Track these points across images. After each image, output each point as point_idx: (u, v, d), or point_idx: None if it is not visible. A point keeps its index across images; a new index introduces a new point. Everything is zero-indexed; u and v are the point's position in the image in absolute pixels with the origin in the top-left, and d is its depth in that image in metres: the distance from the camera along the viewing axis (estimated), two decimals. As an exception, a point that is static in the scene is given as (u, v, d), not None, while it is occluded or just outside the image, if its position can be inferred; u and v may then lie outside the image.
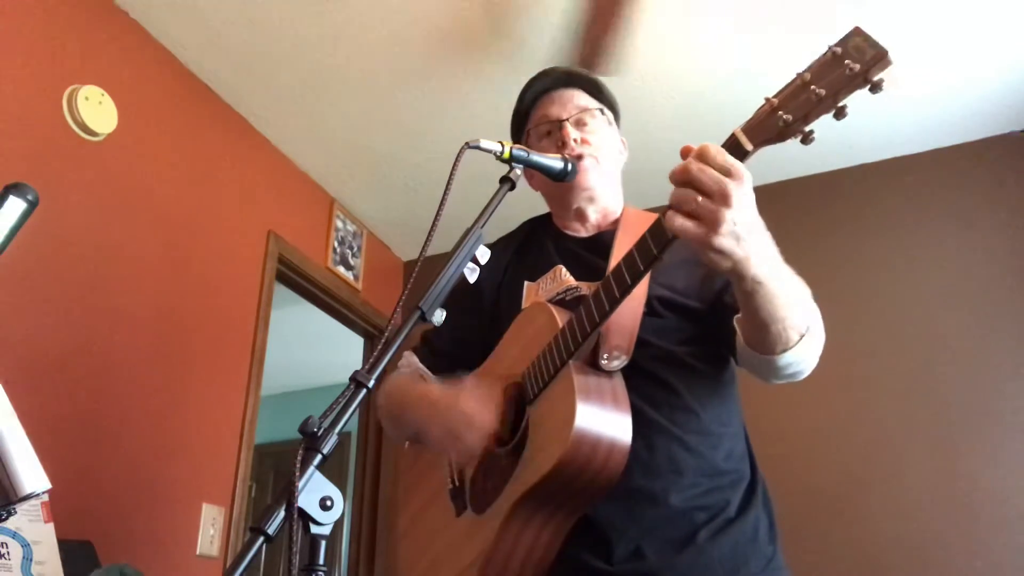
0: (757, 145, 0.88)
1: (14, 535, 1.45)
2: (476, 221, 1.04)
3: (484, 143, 1.07)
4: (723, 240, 0.86)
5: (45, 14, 2.13)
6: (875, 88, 0.81)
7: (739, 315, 1.06)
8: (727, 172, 0.85)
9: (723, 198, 0.85)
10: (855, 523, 2.59)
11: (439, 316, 0.96)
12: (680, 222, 0.87)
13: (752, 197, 0.88)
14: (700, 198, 0.85)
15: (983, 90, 2.69)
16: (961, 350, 2.68)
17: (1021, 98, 2.73)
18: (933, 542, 2.49)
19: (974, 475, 2.52)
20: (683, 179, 0.87)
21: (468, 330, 1.35)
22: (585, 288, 1.22)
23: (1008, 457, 2.51)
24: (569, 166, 1.23)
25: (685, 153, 0.89)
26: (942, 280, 2.80)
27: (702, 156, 0.87)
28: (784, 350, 1.02)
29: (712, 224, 0.85)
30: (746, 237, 0.88)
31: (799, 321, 1.01)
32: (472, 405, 1.15)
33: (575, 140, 1.31)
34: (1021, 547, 2.40)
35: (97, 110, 2.18)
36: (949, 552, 2.46)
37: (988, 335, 2.67)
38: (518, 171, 1.12)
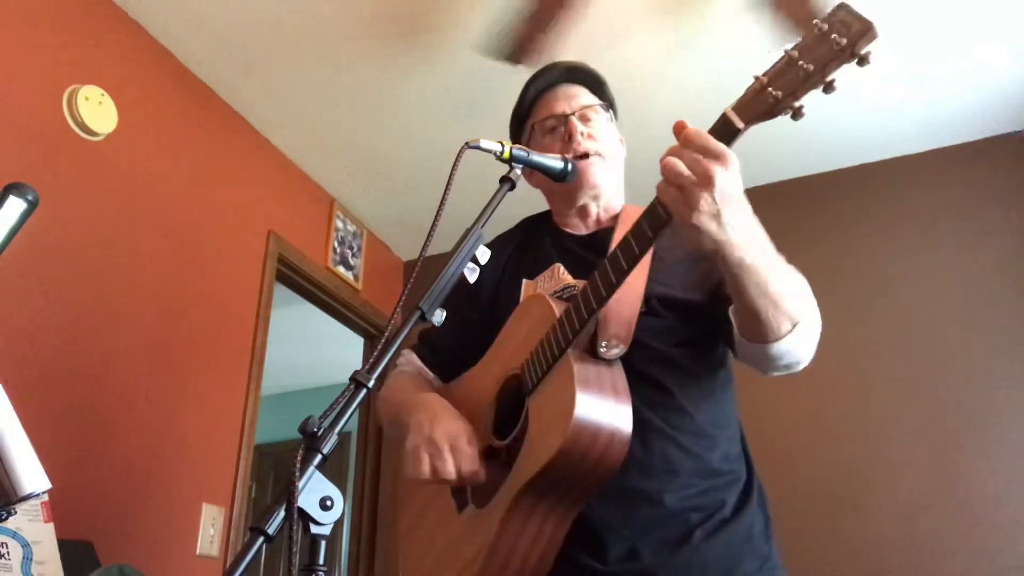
0: (748, 122, 0.88)
1: (14, 535, 1.45)
2: (476, 221, 1.04)
3: (484, 143, 1.07)
4: (703, 218, 0.88)
5: (45, 14, 2.13)
6: (862, 61, 0.82)
7: (733, 304, 1.07)
8: (711, 154, 0.87)
9: (705, 178, 0.87)
10: (855, 523, 2.59)
11: (439, 316, 0.96)
12: (670, 192, 0.90)
13: (739, 183, 0.89)
14: (685, 172, 0.87)
15: (983, 90, 2.69)
16: (961, 350, 2.68)
17: (1021, 98, 2.73)
18: (932, 543, 2.49)
19: (973, 475, 2.52)
20: (671, 154, 0.90)
21: (467, 328, 1.35)
22: (583, 286, 1.22)
23: (1007, 458, 2.51)
24: (569, 166, 1.23)
25: (677, 129, 0.90)
26: (942, 280, 2.80)
27: (688, 139, 0.89)
28: (776, 339, 1.03)
29: (692, 201, 0.87)
30: (729, 221, 0.89)
31: (790, 310, 1.01)
32: (449, 428, 1.14)
33: (581, 134, 1.31)
34: (1020, 548, 2.40)
35: (97, 110, 2.18)
36: (948, 553, 2.46)
37: (988, 335, 2.67)
38: (518, 171, 1.12)
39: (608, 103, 1.41)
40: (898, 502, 2.57)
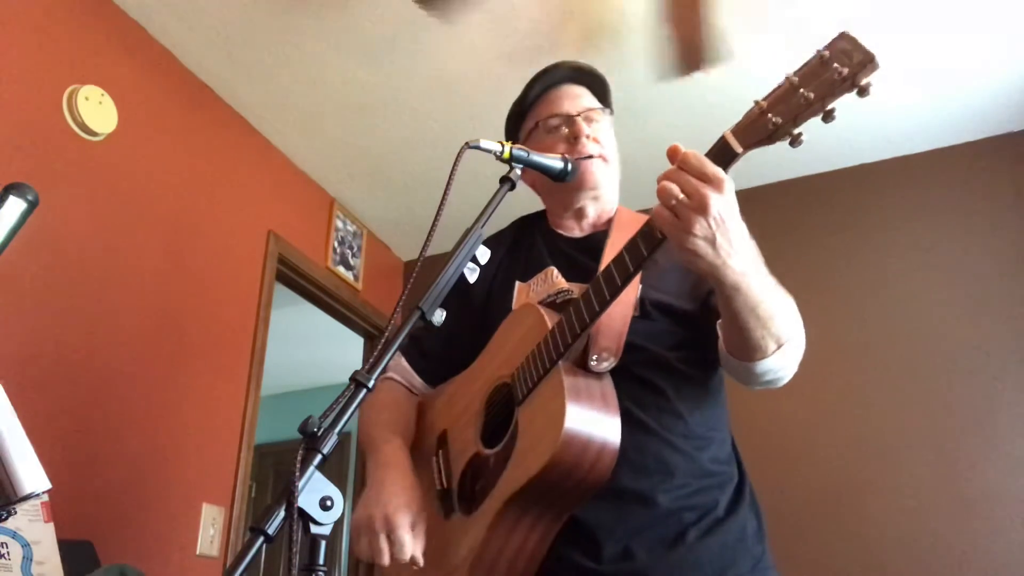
0: (747, 147, 0.89)
1: (14, 535, 1.46)
2: (476, 221, 1.05)
3: (484, 143, 1.07)
4: (697, 242, 0.90)
5: (45, 14, 2.13)
6: (862, 92, 0.83)
7: (721, 319, 1.08)
8: (707, 179, 0.88)
9: (700, 203, 0.88)
10: (854, 523, 2.59)
11: (439, 316, 0.96)
12: (665, 215, 0.91)
13: (735, 207, 0.91)
14: (680, 196, 0.88)
15: (983, 90, 2.69)
16: (960, 349, 2.68)
17: (1021, 98, 2.73)
18: (932, 542, 2.49)
19: (973, 475, 2.52)
20: (666, 178, 0.91)
21: (458, 330, 1.33)
22: (576, 291, 1.22)
23: (1007, 456, 2.51)
24: (569, 166, 1.23)
25: (672, 154, 0.91)
26: (941, 280, 2.80)
27: (685, 163, 0.90)
28: (761, 358, 1.05)
29: (687, 225, 0.89)
30: (723, 244, 0.90)
31: (778, 331, 1.03)
32: (393, 505, 1.12)
33: (587, 136, 1.31)
34: (1020, 547, 2.40)
35: (97, 110, 2.18)
36: (948, 552, 2.46)
37: (987, 334, 2.67)
38: (518, 171, 1.12)
39: (608, 107, 1.41)
40: (898, 502, 2.57)
